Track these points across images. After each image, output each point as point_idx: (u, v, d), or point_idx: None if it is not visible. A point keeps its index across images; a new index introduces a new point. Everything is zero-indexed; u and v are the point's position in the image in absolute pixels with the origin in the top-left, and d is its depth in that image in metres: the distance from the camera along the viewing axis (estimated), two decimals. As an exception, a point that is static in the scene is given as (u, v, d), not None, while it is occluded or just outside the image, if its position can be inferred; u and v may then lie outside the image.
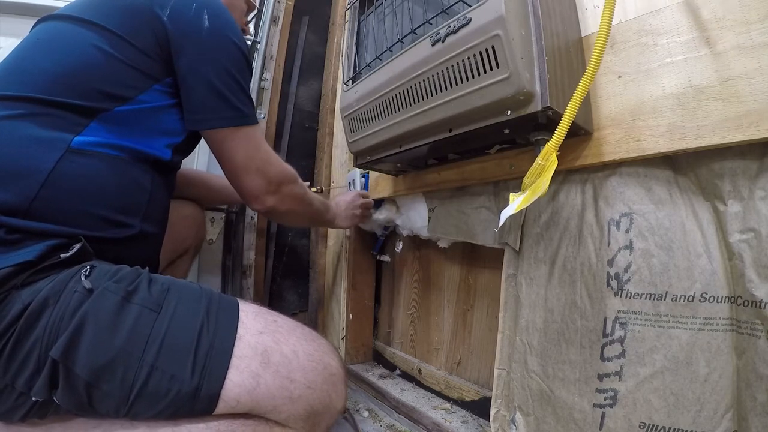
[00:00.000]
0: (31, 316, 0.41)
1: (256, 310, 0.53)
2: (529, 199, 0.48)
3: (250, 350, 0.47)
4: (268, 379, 0.46)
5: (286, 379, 0.47)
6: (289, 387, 0.47)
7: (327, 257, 1.32)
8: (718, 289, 0.47)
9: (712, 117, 0.46)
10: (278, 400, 0.46)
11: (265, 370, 0.46)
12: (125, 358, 0.42)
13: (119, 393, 0.42)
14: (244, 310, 0.51)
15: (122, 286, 0.45)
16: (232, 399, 0.44)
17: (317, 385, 0.49)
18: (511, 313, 0.69)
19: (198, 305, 0.48)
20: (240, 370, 0.45)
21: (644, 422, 0.50)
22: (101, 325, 0.42)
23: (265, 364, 0.46)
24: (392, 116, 0.66)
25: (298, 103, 1.47)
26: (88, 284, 0.43)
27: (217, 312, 0.48)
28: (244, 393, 0.44)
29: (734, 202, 0.47)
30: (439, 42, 0.55)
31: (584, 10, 0.60)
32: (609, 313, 0.54)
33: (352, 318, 1.16)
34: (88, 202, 0.50)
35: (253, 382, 0.45)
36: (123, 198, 0.54)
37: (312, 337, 0.54)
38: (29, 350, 0.41)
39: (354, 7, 0.81)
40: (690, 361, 0.48)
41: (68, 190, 0.48)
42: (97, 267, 0.46)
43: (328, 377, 0.50)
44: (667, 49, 0.50)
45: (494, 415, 0.69)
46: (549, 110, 0.48)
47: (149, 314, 0.44)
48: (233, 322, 0.48)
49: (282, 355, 0.48)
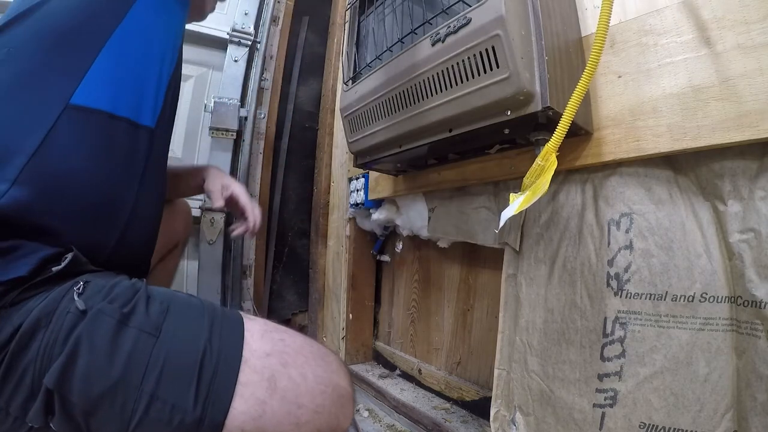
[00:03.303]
0: (22, 339, 0.39)
1: (262, 329, 0.50)
2: (529, 199, 0.48)
3: (256, 376, 0.44)
4: (274, 405, 0.44)
5: (294, 405, 0.45)
6: (296, 413, 0.45)
7: (327, 257, 1.32)
8: (718, 289, 0.47)
9: (712, 117, 0.46)
10: (285, 426, 0.44)
11: (272, 397, 0.44)
12: (123, 387, 0.40)
13: (118, 423, 0.40)
14: (250, 330, 0.48)
15: (117, 307, 0.42)
16: (236, 428, 0.42)
17: (326, 408, 0.47)
18: (511, 313, 0.69)
19: (200, 325, 0.46)
20: (245, 398, 0.43)
21: (644, 422, 0.50)
22: (97, 352, 0.40)
23: (272, 390, 0.44)
24: (392, 116, 0.66)
25: (298, 103, 1.47)
26: (81, 305, 0.41)
27: (221, 333, 0.46)
28: (249, 421, 0.43)
29: (734, 202, 0.47)
30: (439, 42, 0.55)
31: (584, 10, 0.60)
32: (609, 313, 0.54)
33: (352, 318, 1.16)
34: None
35: (258, 409, 0.43)
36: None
37: (321, 355, 0.51)
38: (22, 374, 0.39)
39: (354, 7, 0.81)
40: (690, 361, 0.48)
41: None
42: (91, 283, 0.43)
43: (336, 399, 0.48)
44: (667, 49, 0.50)
45: (494, 415, 0.69)
46: (549, 110, 0.48)
47: (148, 339, 0.42)
48: (238, 344, 0.46)
49: (290, 379, 0.46)
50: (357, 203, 1.08)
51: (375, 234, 1.16)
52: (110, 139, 0.49)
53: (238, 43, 1.33)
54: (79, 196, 0.46)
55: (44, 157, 0.44)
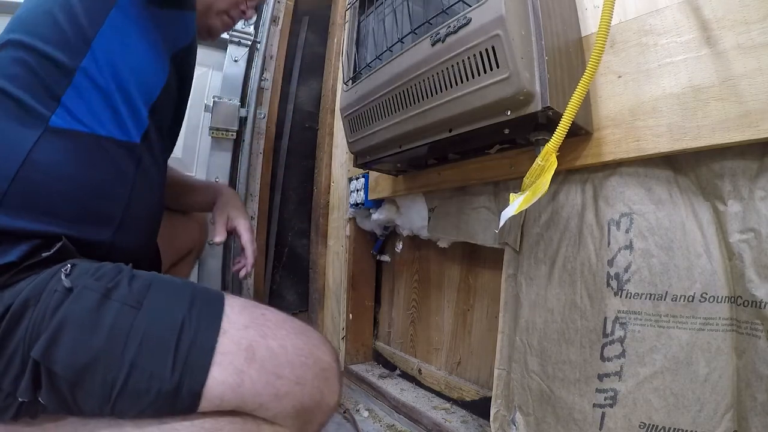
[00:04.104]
0: (13, 318, 0.41)
1: (242, 303, 0.50)
2: (529, 199, 0.48)
3: (234, 346, 0.45)
4: (253, 375, 0.44)
5: (273, 375, 0.45)
6: (275, 383, 0.45)
7: (327, 257, 1.32)
8: (718, 289, 0.47)
9: (712, 117, 0.46)
10: (264, 397, 0.44)
11: (250, 366, 0.44)
12: (105, 357, 0.41)
13: (101, 392, 0.41)
14: (230, 304, 0.49)
15: (102, 283, 0.43)
16: (215, 397, 0.43)
17: (307, 380, 0.47)
18: (511, 313, 0.69)
19: (180, 299, 0.46)
20: (223, 366, 0.43)
21: (644, 422, 0.50)
22: (81, 325, 0.41)
23: (250, 359, 0.44)
24: (392, 116, 0.66)
25: (298, 103, 1.47)
26: (68, 283, 0.42)
27: (201, 306, 0.47)
28: (228, 390, 0.43)
29: (734, 202, 0.47)
30: (439, 42, 0.55)
31: (584, 10, 0.60)
32: (609, 313, 0.54)
33: (352, 318, 1.16)
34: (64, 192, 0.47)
35: (237, 379, 0.43)
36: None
37: (302, 330, 0.51)
38: (13, 352, 0.41)
39: (354, 7, 0.81)
40: (690, 361, 0.48)
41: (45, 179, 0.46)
42: (78, 265, 0.45)
43: (319, 372, 0.48)
44: (667, 49, 0.50)
45: (494, 415, 0.69)
46: (549, 110, 0.48)
47: (129, 311, 0.43)
48: (217, 316, 0.46)
49: (269, 349, 0.46)
50: (357, 203, 1.08)
51: (375, 234, 1.16)
52: (90, 155, 0.50)
53: (238, 43, 1.33)
54: (64, 204, 0.48)
55: (25, 177, 0.45)
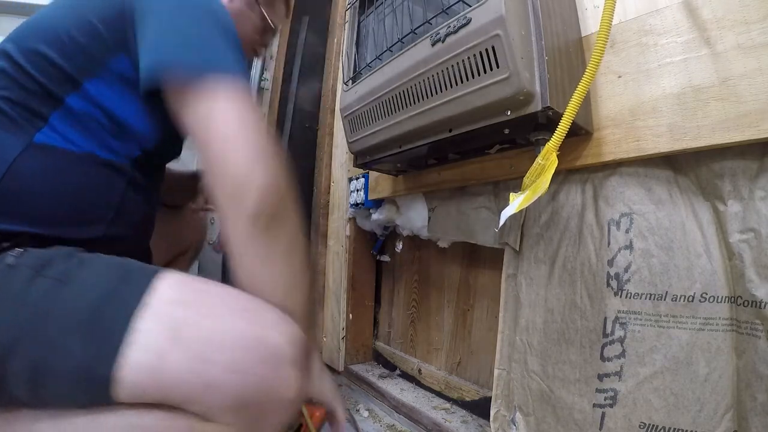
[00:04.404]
0: None
1: (182, 278, 0.43)
2: (529, 198, 0.48)
3: (156, 323, 0.38)
4: (175, 358, 0.37)
5: (199, 359, 0.38)
6: (203, 369, 0.38)
7: (327, 257, 1.32)
8: (718, 289, 0.47)
9: (712, 117, 0.46)
10: (191, 384, 0.37)
11: (173, 348, 0.37)
12: (29, 334, 0.37)
13: (26, 373, 0.37)
14: (165, 278, 0.41)
15: (39, 261, 0.40)
16: (131, 382, 0.37)
17: (248, 368, 0.39)
18: (511, 313, 0.69)
19: (110, 273, 0.41)
20: (140, 346, 0.37)
21: (644, 422, 0.50)
22: (9, 300, 0.38)
23: (173, 340, 0.38)
24: (392, 116, 0.66)
25: (298, 103, 1.47)
26: (11, 261, 0.39)
27: (129, 280, 0.41)
28: (145, 375, 0.37)
29: (734, 202, 0.47)
30: (439, 42, 0.55)
31: (584, 10, 0.60)
32: (609, 313, 0.54)
33: (352, 318, 1.16)
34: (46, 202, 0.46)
35: (156, 361, 0.37)
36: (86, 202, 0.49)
37: (252, 309, 0.43)
38: None
39: (354, 7, 0.81)
40: (690, 361, 0.48)
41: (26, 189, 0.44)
42: (34, 250, 0.42)
43: (265, 357, 0.40)
44: (667, 49, 0.50)
45: (494, 415, 0.69)
46: (549, 110, 0.48)
47: (56, 285, 0.39)
48: (142, 288, 0.40)
49: (199, 329, 0.39)
50: (357, 203, 1.08)
51: (375, 234, 1.16)
52: (72, 170, 0.48)
53: (238, 43, 1.33)
54: (42, 210, 0.46)
55: (7, 186, 0.44)
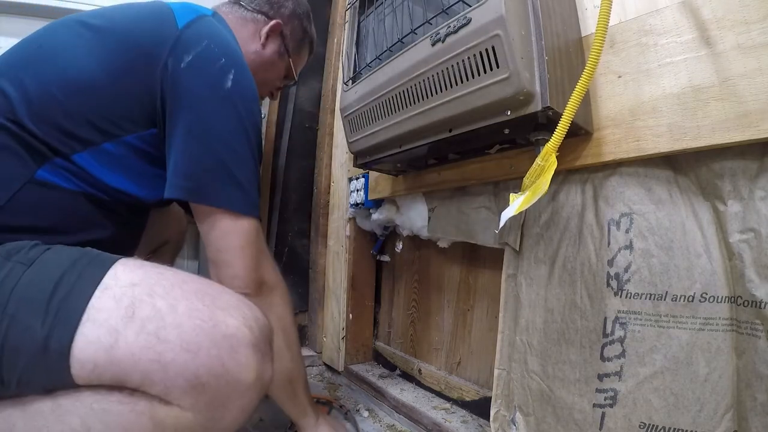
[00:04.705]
0: None
1: (140, 263, 0.45)
2: (529, 199, 0.48)
3: (112, 302, 0.40)
4: (129, 336, 0.38)
5: (154, 337, 0.39)
6: (157, 348, 0.38)
7: (327, 257, 1.32)
8: (718, 289, 0.47)
9: (712, 117, 0.46)
10: (144, 363, 0.38)
11: (128, 326, 0.39)
12: None
13: None
14: (125, 263, 0.44)
15: (10, 249, 0.43)
16: (87, 360, 0.38)
17: (201, 348, 0.40)
18: (511, 313, 0.69)
19: (71, 257, 0.43)
20: (96, 322, 0.38)
21: (644, 422, 0.50)
22: None
23: (128, 318, 0.39)
24: (392, 116, 0.66)
25: (298, 103, 1.47)
26: None
27: (89, 262, 0.43)
28: (101, 352, 0.38)
29: (734, 202, 0.47)
30: (439, 42, 0.55)
31: (584, 10, 0.60)
32: (609, 313, 0.54)
33: (352, 318, 1.16)
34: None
35: (110, 338, 0.38)
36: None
37: (208, 292, 0.44)
38: None
39: (354, 7, 0.81)
40: (690, 361, 0.48)
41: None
42: (8, 243, 0.44)
43: (220, 340, 0.41)
44: (667, 49, 0.50)
45: (494, 415, 0.69)
46: (549, 110, 0.48)
47: (20, 268, 0.41)
48: (102, 271, 0.42)
49: (154, 308, 0.40)
50: (357, 203, 1.08)
51: (375, 234, 1.16)
52: (69, 207, 0.53)
53: (238, 43, 1.33)
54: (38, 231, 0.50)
55: (8, 213, 0.48)
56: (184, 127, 0.53)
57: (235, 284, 0.56)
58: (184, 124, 0.53)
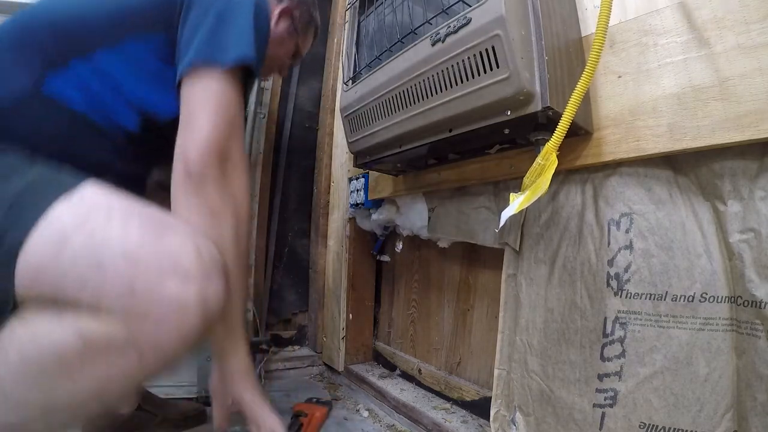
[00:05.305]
0: None
1: (111, 190, 0.45)
2: (529, 199, 0.48)
3: (70, 211, 0.42)
4: (77, 240, 0.40)
5: (97, 244, 0.40)
6: (99, 251, 0.40)
7: (327, 257, 1.32)
8: (718, 289, 0.47)
9: (712, 117, 0.46)
10: (84, 265, 0.39)
11: (78, 231, 0.40)
12: None
13: None
14: (95, 185, 0.45)
15: None
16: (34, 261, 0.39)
17: (140, 260, 0.40)
18: (511, 313, 0.69)
19: (46, 170, 0.46)
20: (50, 224, 0.40)
21: (644, 422, 0.50)
22: None
23: (80, 226, 0.41)
24: (392, 116, 0.66)
25: (298, 103, 1.47)
26: None
27: (60, 177, 0.45)
28: (49, 249, 0.40)
29: (734, 202, 0.47)
30: (439, 42, 0.55)
31: (584, 10, 0.60)
32: (609, 313, 0.54)
33: (352, 318, 1.16)
34: None
35: (60, 238, 0.40)
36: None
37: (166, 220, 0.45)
38: None
39: (354, 7, 0.81)
40: (690, 361, 0.48)
41: None
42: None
43: (163, 256, 0.41)
44: (667, 49, 0.50)
45: (494, 415, 0.69)
46: (549, 110, 0.48)
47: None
48: (69, 186, 0.44)
49: (106, 222, 0.42)
50: (357, 203, 1.08)
51: (375, 234, 1.16)
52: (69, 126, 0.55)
53: (238, 43, 1.33)
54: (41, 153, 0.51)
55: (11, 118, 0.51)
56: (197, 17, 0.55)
57: (198, 150, 0.52)
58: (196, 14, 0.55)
